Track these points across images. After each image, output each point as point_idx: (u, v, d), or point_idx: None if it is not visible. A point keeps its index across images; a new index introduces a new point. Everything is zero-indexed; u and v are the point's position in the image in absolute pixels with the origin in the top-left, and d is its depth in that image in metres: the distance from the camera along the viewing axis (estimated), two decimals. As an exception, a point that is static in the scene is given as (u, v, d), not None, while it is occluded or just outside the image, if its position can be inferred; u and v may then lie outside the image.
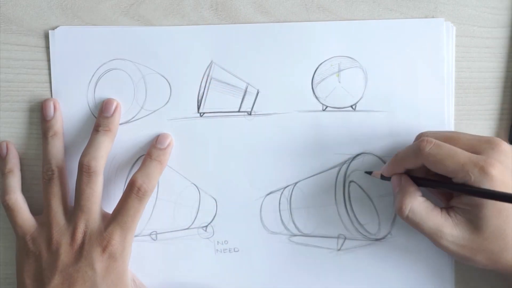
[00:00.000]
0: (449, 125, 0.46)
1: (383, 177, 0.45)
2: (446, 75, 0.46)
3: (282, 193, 0.47)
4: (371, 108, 0.47)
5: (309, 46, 0.46)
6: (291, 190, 0.47)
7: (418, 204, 0.41)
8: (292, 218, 0.47)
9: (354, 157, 0.47)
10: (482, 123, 0.47)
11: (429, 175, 0.43)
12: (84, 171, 0.43)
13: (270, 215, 0.47)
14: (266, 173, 0.47)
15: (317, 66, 0.46)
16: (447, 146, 0.40)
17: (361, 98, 0.47)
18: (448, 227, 0.41)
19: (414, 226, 0.42)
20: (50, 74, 0.47)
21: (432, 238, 0.41)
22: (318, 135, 0.47)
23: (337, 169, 0.47)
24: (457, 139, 0.42)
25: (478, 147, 0.41)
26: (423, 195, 0.42)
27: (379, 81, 0.46)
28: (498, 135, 0.47)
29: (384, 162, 0.46)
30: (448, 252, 0.42)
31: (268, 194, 0.47)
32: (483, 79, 0.47)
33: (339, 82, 0.47)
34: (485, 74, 0.47)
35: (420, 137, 0.44)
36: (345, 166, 0.47)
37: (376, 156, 0.47)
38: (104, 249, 0.42)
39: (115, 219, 0.43)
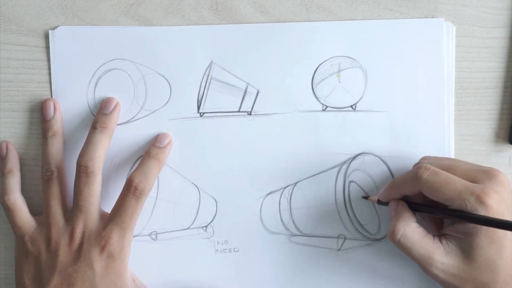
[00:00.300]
0: (449, 125, 0.46)
1: (379, 202, 0.44)
2: (446, 75, 0.46)
3: (282, 193, 0.47)
4: (371, 108, 0.47)
5: (309, 46, 0.46)
6: (291, 190, 0.47)
7: (411, 230, 0.41)
8: (292, 218, 0.47)
9: (354, 157, 0.47)
10: (482, 123, 0.47)
11: (425, 202, 0.43)
12: (82, 172, 0.43)
13: (270, 215, 0.47)
14: (266, 173, 0.47)
15: (317, 66, 0.46)
16: (444, 173, 0.40)
17: (361, 98, 0.47)
18: (439, 255, 0.40)
19: (405, 251, 0.41)
20: (50, 74, 0.47)
21: (422, 265, 0.41)
22: (318, 135, 0.47)
23: (337, 169, 0.47)
24: (455, 168, 0.42)
25: (476, 176, 0.41)
26: (417, 222, 0.42)
27: (379, 81, 0.46)
28: (498, 135, 0.47)
29: (384, 162, 0.46)
30: (437, 280, 0.41)
31: (268, 194, 0.47)
32: (483, 79, 0.47)
33: (339, 82, 0.47)
34: (485, 74, 0.47)
35: (418, 164, 0.44)
36: (345, 166, 0.47)
37: (376, 156, 0.47)
38: (102, 249, 0.42)
39: (113, 218, 0.43)
